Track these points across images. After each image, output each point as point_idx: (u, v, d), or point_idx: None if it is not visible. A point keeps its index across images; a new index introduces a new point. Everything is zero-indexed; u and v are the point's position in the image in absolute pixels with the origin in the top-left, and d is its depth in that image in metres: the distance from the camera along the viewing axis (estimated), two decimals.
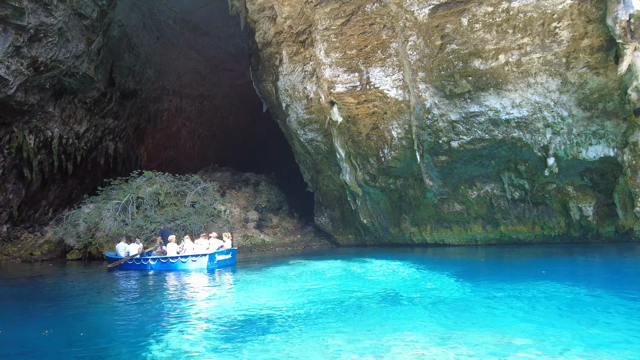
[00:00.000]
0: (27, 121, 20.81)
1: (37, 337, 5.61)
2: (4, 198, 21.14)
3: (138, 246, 15.21)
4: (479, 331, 5.42)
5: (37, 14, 17.38)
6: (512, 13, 13.48)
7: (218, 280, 10.97)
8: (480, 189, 17.13)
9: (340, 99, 17.81)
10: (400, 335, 5.35)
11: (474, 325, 5.75)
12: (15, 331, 5.82)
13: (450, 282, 9.35)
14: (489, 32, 14.12)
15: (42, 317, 6.71)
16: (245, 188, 26.52)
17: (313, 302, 7.50)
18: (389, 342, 5.05)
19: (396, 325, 5.83)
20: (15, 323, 6.32)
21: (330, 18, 16.90)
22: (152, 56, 29.27)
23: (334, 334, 5.47)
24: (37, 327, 5.97)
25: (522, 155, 15.76)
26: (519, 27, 13.62)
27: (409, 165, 17.65)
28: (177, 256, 13.84)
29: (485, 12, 13.85)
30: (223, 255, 14.10)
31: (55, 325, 6.18)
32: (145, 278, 12.18)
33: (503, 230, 17.51)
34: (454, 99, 15.69)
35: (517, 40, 13.82)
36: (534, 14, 13.18)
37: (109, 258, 15.64)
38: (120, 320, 6.55)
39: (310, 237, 23.61)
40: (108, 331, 5.87)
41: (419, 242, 19.61)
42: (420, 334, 5.35)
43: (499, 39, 14.07)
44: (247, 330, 5.68)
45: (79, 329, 5.94)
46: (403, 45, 15.83)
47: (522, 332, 5.27)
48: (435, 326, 5.76)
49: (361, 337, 5.29)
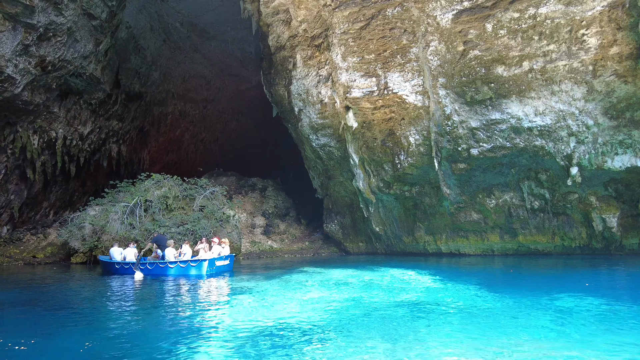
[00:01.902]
0: (31, 121, 20.29)
1: (78, 348, 5.11)
2: (6, 199, 20.49)
3: (134, 251, 14.95)
4: (516, 344, 5.07)
5: (47, 13, 17.02)
6: (539, 19, 13.31)
7: (236, 289, 10.45)
8: (498, 197, 16.83)
9: (356, 104, 17.50)
10: (434, 349, 4.99)
11: (511, 339, 5.40)
12: (51, 342, 5.31)
13: (476, 292, 8.99)
14: (514, 39, 13.93)
15: (73, 327, 6.19)
16: (251, 193, 26.04)
17: (335, 313, 7.13)
18: (424, 357, 4.68)
19: (427, 339, 5.47)
20: (46, 332, 5.80)
21: (348, 22, 16.65)
22: (158, 59, 28.93)
23: (363, 348, 5.08)
24: (69, 337, 5.47)
25: (544, 164, 15.50)
26: (545, 33, 13.44)
27: (425, 172, 17.32)
28: (175, 261, 13.67)
29: (511, 18, 13.68)
30: (222, 261, 14.08)
31: (92, 335, 5.67)
32: (159, 284, 11.64)
33: (521, 240, 17.19)
34: (475, 105, 15.45)
35: (543, 47, 13.64)
36: (561, 21, 13.02)
37: (103, 262, 15.19)
38: (152, 332, 6.06)
39: (319, 244, 23.13)
40: (134, 343, 5.38)
41: (433, 251, 19.22)
42: (457, 348, 4.99)
43: (524, 45, 13.88)
44: (274, 344, 5.30)
45: (117, 341, 5.44)
46: (424, 50, 15.60)
47: (564, 347, 4.92)
48: (471, 340, 5.39)
49: (394, 350, 4.93)
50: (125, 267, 14.12)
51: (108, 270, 14.66)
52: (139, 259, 14.33)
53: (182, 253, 14.21)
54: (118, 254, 14.95)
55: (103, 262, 15.16)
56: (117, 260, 14.56)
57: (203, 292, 10.04)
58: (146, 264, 14.03)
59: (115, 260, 14.69)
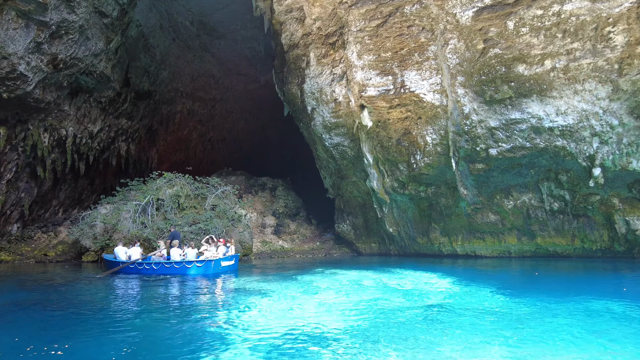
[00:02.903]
0: (42, 119, 20.18)
1: (115, 353, 4.89)
2: (16, 196, 20.37)
3: (139, 250, 14.96)
4: (548, 349, 4.81)
5: (60, 11, 16.93)
6: (563, 17, 13.03)
7: (253, 291, 10.22)
8: (517, 199, 16.54)
9: (372, 103, 17.25)
10: (466, 356, 4.72)
11: (541, 343, 5.14)
12: (86, 346, 5.09)
13: (501, 296, 8.76)
14: (536, 37, 13.65)
15: (102, 330, 5.97)
16: (261, 192, 25.82)
17: (352, 317, 6.93)
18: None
19: (450, 345, 5.24)
20: (76, 335, 5.58)
21: (365, 19, 16.41)
22: (167, 58, 28.80)
23: (382, 353, 4.86)
24: (102, 341, 5.24)
25: (565, 164, 15.20)
26: (570, 31, 13.16)
27: (442, 172, 17.05)
28: (181, 261, 13.66)
29: (534, 16, 13.40)
30: (227, 262, 14.09)
31: (123, 339, 5.45)
32: (170, 285, 11.42)
33: (540, 243, 16.88)
34: (494, 105, 15.16)
35: (566, 45, 13.35)
36: (587, 18, 12.73)
37: (107, 261, 15.13)
38: (170, 335, 5.83)
39: (330, 245, 22.88)
40: (156, 343, 5.16)
41: (448, 252, 18.93)
42: (484, 356, 4.72)
43: (547, 43, 13.60)
44: (291, 348, 5.15)
45: (152, 346, 5.22)
46: (442, 48, 15.34)
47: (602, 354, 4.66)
48: (500, 346, 5.15)
49: (414, 357, 4.66)
50: (130, 266, 14.12)
51: (112, 269, 14.47)
52: (144, 258, 14.35)
53: (185, 253, 14.24)
54: (123, 253, 14.93)
55: (107, 261, 15.13)
56: (122, 260, 14.56)
57: (220, 293, 9.81)
58: (152, 263, 13.99)
59: (120, 259, 14.69)
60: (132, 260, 14.35)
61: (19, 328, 6.28)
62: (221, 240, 15.62)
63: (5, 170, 19.46)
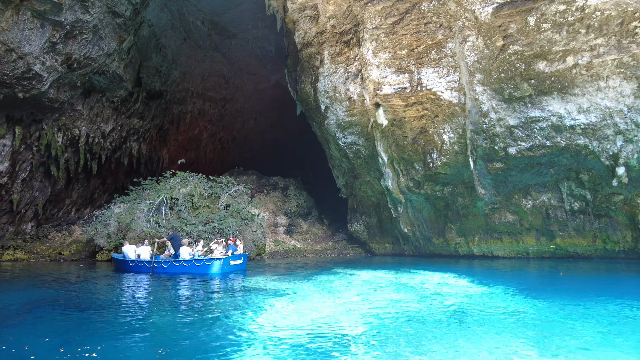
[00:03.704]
0: (56, 119, 20.27)
1: (149, 356, 4.77)
2: (30, 195, 20.47)
3: (148, 249, 15.01)
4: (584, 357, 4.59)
5: (74, 10, 17.00)
6: (587, 11, 12.73)
7: (272, 292, 10.07)
8: (535, 198, 16.23)
9: (387, 101, 17.05)
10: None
11: (577, 350, 4.95)
12: (118, 348, 4.96)
13: (523, 297, 8.52)
14: (558, 33, 13.36)
15: (129, 331, 5.84)
16: (273, 192, 25.70)
17: (371, 319, 6.74)
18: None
19: (474, 349, 5.03)
20: (106, 337, 5.46)
21: (381, 17, 16.22)
22: (179, 57, 28.84)
23: (403, 358, 4.65)
24: (132, 343, 5.11)
25: (586, 163, 14.88)
26: (594, 26, 12.86)
27: (459, 171, 16.79)
28: (190, 260, 13.66)
29: (557, 11, 13.11)
30: (236, 261, 14.12)
31: (165, 343, 5.32)
32: (186, 284, 11.32)
33: (559, 243, 16.55)
34: (514, 102, 14.89)
35: (590, 41, 13.05)
36: (612, 13, 12.43)
37: (116, 260, 15.17)
38: (213, 339, 5.70)
39: (343, 245, 22.69)
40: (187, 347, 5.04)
41: (464, 253, 18.65)
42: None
43: (569, 39, 13.30)
44: (310, 351, 5.01)
45: (185, 349, 5.08)
46: (460, 45, 15.10)
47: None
48: (531, 351, 4.94)
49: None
50: (139, 265, 14.15)
51: (121, 268, 14.68)
52: (153, 257, 14.42)
53: (197, 250, 14.29)
54: (132, 252, 14.96)
55: (116, 259, 15.19)
56: (131, 259, 14.59)
57: (240, 294, 9.65)
58: (161, 262, 14.00)
59: (129, 258, 14.72)
60: (141, 259, 14.41)
61: (47, 327, 6.19)
62: (231, 238, 15.59)
63: (20, 169, 19.55)
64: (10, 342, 5.38)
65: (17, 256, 17.81)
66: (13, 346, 5.17)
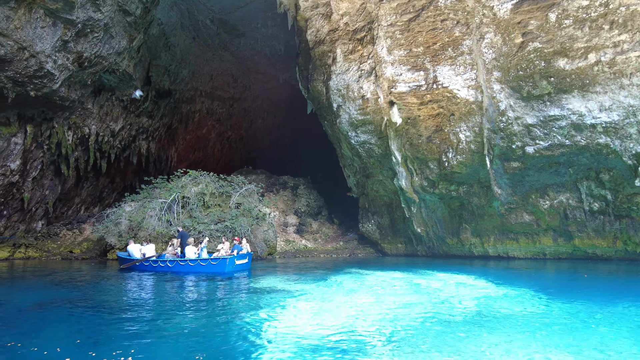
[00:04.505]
0: (67, 117, 20.22)
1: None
2: (41, 194, 20.43)
3: (153, 247, 15.10)
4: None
5: (86, 9, 16.96)
6: (611, 7, 12.45)
7: (286, 292, 9.87)
8: (553, 198, 15.93)
9: (401, 99, 16.81)
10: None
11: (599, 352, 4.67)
12: (152, 353, 4.79)
13: (546, 300, 8.26)
14: (581, 29, 13.08)
15: (166, 335, 5.66)
16: (282, 191, 25.52)
17: (394, 321, 6.54)
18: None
19: (497, 353, 4.80)
20: (136, 339, 5.27)
21: (396, 14, 15.98)
22: (188, 56, 28.75)
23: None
24: (163, 347, 4.93)
25: (607, 163, 14.58)
26: (618, 22, 12.57)
27: (475, 171, 16.52)
28: (196, 259, 13.70)
29: (579, 7, 12.83)
30: (241, 260, 14.16)
31: (198, 347, 5.14)
32: (199, 284, 11.16)
33: (577, 244, 16.24)
34: (532, 101, 14.61)
35: (613, 38, 12.76)
36: (638, 8, 12.13)
37: (121, 259, 15.26)
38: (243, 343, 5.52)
39: (354, 245, 22.47)
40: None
41: (479, 253, 18.37)
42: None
43: (592, 36, 13.02)
44: (329, 353, 4.84)
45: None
46: (478, 42, 14.84)
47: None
48: (555, 353, 4.68)
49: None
50: (144, 263, 14.22)
51: (127, 267, 14.66)
52: (158, 256, 14.51)
53: (202, 248, 14.34)
54: (137, 251, 15.00)
55: (122, 258, 15.25)
56: (136, 257, 14.63)
57: (258, 294, 9.45)
58: (166, 261, 14.04)
59: (134, 257, 14.76)
60: (146, 257, 14.49)
61: (73, 328, 6.03)
62: (235, 238, 15.54)
63: (31, 167, 19.50)
64: (41, 343, 5.24)
65: (29, 254, 17.76)
66: (45, 348, 5.02)
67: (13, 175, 18.36)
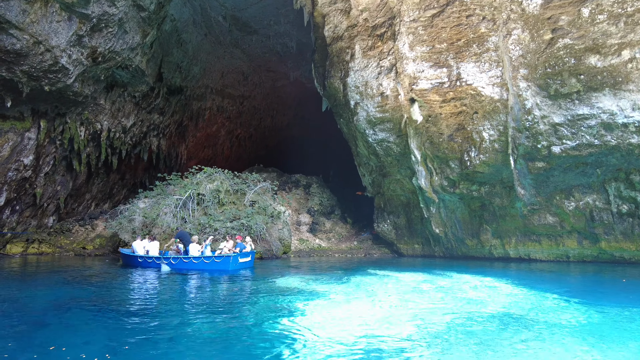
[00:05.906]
0: (79, 113, 19.99)
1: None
2: (53, 189, 20.19)
3: (157, 245, 15.18)
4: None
5: (101, 3, 16.74)
6: None
7: (312, 293, 9.51)
8: (579, 200, 15.51)
9: (423, 96, 16.42)
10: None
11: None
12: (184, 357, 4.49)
13: (579, 305, 7.90)
14: (615, 24, 12.66)
15: (186, 337, 5.33)
16: (295, 190, 25.18)
17: (422, 326, 6.26)
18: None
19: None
20: (162, 343, 4.95)
21: (419, 9, 15.60)
22: (199, 53, 28.45)
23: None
24: (192, 350, 4.61)
25: (638, 164, 14.14)
26: None
27: (498, 171, 16.12)
28: (200, 257, 13.83)
29: (615, 1, 12.41)
30: (244, 258, 14.28)
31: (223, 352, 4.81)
32: (208, 282, 10.82)
33: (604, 247, 15.81)
34: (559, 99, 14.19)
35: None
36: None
37: (124, 255, 15.27)
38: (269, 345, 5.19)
39: (369, 245, 22.11)
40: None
41: (499, 255, 17.96)
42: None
43: (627, 32, 12.59)
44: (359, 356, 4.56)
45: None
46: (505, 39, 14.43)
47: None
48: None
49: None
50: (148, 260, 14.28)
51: (130, 263, 14.81)
52: (163, 253, 14.55)
53: (205, 245, 14.39)
54: (141, 248, 15.02)
55: (124, 255, 15.26)
56: (140, 254, 14.69)
57: (278, 296, 9.09)
58: (170, 258, 14.09)
59: (137, 253, 14.81)
60: (150, 255, 14.50)
61: (102, 329, 5.71)
62: (238, 236, 15.52)
63: (43, 163, 19.26)
64: (67, 342, 4.95)
65: (43, 250, 17.53)
66: (72, 348, 4.70)
67: (26, 170, 18.12)
